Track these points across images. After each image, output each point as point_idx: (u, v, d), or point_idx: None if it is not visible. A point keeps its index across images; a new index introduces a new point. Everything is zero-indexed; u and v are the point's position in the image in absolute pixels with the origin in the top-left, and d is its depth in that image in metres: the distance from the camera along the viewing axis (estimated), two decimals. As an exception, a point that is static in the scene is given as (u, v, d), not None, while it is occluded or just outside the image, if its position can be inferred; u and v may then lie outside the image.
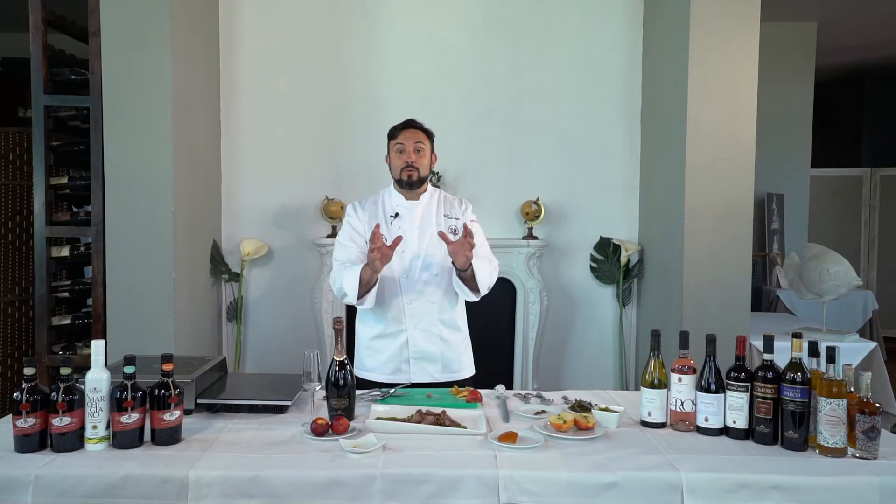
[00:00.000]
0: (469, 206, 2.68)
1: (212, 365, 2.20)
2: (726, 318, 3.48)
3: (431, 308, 2.55)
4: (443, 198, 2.67)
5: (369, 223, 2.55)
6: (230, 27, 4.12)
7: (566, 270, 4.26)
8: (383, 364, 2.57)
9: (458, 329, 2.62)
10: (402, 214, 2.58)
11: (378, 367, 2.58)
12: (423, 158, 2.56)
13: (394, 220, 2.58)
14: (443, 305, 2.57)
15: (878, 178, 7.77)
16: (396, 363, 2.56)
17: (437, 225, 2.57)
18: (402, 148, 2.54)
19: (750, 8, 3.50)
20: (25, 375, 1.76)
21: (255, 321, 4.21)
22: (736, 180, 3.54)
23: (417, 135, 2.56)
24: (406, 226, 2.57)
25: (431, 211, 2.61)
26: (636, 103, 4.20)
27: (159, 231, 3.37)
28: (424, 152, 2.56)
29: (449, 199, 2.68)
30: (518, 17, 4.18)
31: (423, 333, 2.55)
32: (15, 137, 4.22)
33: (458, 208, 2.65)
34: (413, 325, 2.55)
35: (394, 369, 2.56)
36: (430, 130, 2.62)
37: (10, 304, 4.22)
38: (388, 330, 2.56)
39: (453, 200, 2.68)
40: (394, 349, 2.56)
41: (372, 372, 2.59)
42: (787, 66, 6.11)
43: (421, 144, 2.54)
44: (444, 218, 2.60)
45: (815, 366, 1.84)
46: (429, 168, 2.60)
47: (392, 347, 2.56)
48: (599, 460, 1.72)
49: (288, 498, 1.62)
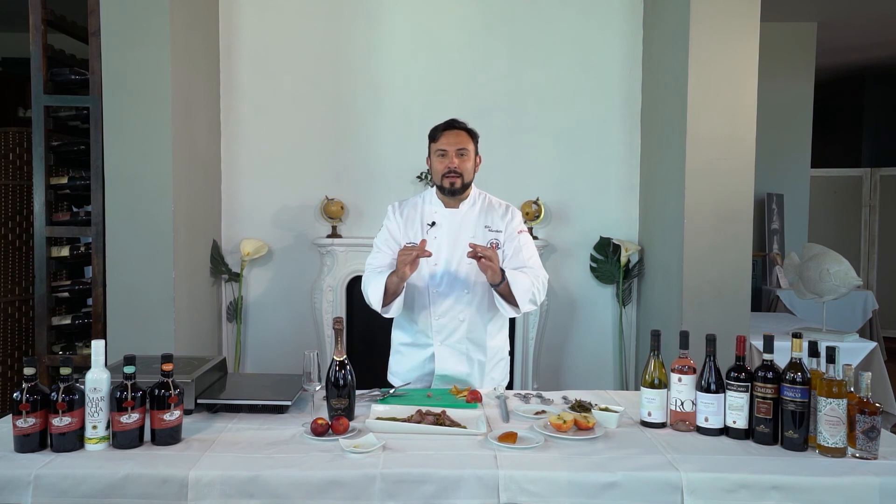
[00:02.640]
0: (516, 215, 2.50)
1: (212, 365, 2.20)
2: (726, 318, 3.48)
3: (460, 325, 2.45)
4: (486, 205, 2.50)
5: (405, 229, 2.46)
6: (230, 27, 4.12)
7: (566, 270, 4.26)
8: (408, 372, 2.52)
9: (488, 348, 2.47)
10: (440, 223, 2.45)
11: (403, 373, 2.53)
12: (467, 163, 2.40)
13: (430, 229, 2.45)
14: (473, 323, 2.45)
15: (878, 178, 7.77)
16: (420, 373, 2.50)
17: (476, 238, 2.41)
18: (444, 152, 2.38)
19: (750, 8, 3.50)
20: (25, 375, 1.76)
21: (255, 321, 4.21)
22: (736, 180, 3.53)
23: (460, 137, 2.39)
24: (442, 235, 2.43)
25: (470, 221, 2.46)
26: (636, 103, 4.21)
27: (159, 231, 3.37)
28: (468, 156, 2.40)
29: (493, 207, 2.50)
30: (518, 17, 4.18)
31: (450, 351, 2.46)
32: (15, 137, 4.22)
33: (501, 219, 2.47)
34: (440, 342, 2.46)
35: (417, 380, 2.50)
36: (473, 130, 2.46)
37: (10, 304, 4.22)
38: (416, 342, 2.50)
39: (498, 208, 2.50)
40: (420, 360, 2.50)
41: (396, 378, 2.55)
42: (787, 66, 6.11)
43: (464, 148, 2.38)
44: (485, 230, 2.45)
45: (815, 366, 1.84)
46: (473, 172, 2.45)
47: (417, 358, 2.50)
48: (599, 460, 1.72)
49: (288, 498, 1.61)
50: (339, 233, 4.10)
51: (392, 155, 4.16)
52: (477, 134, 2.48)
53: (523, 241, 2.48)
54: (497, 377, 2.55)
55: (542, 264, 2.50)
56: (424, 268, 2.42)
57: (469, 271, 2.42)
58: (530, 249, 2.47)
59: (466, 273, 2.43)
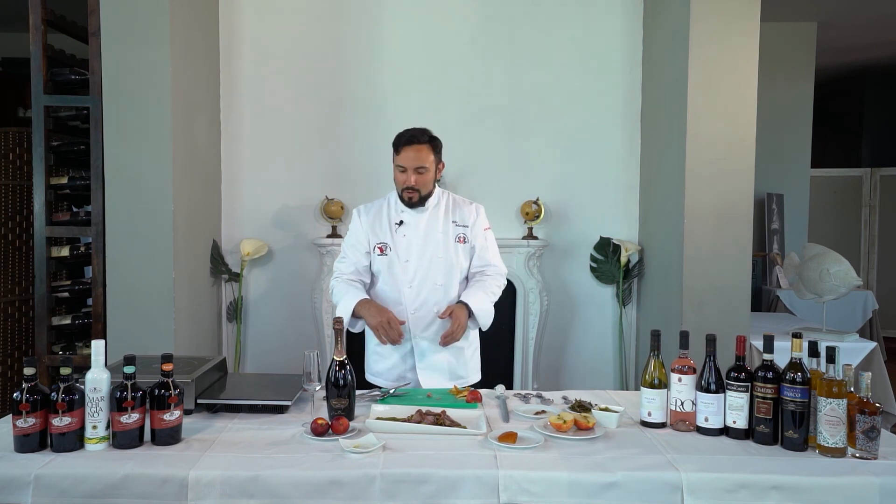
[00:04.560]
0: (480, 212, 2.62)
1: (212, 365, 2.20)
2: (726, 318, 3.48)
3: (434, 318, 2.51)
4: (451, 202, 2.61)
5: (373, 229, 2.54)
6: (230, 27, 4.12)
7: (566, 270, 4.26)
8: (389, 370, 2.57)
9: (464, 337, 2.55)
10: (407, 221, 2.54)
11: (384, 372, 2.58)
12: (426, 177, 2.47)
13: (398, 228, 2.54)
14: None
15: (878, 178, 7.77)
16: (401, 370, 2.55)
17: (444, 232, 2.54)
18: (403, 169, 2.46)
19: (750, 8, 3.50)
20: (25, 375, 1.76)
21: (255, 321, 4.21)
22: (736, 180, 3.53)
23: (420, 154, 2.44)
24: (410, 234, 2.53)
25: (438, 217, 2.56)
26: (636, 103, 4.20)
27: (159, 231, 3.37)
28: (427, 172, 2.47)
29: (458, 203, 2.61)
30: (518, 17, 4.18)
31: (429, 343, 2.53)
32: (15, 137, 4.22)
33: (468, 215, 2.59)
34: (419, 334, 2.53)
35: (398, 376, 2.55)
36: (435, 141, 2.51)
37: (10, 304, 4.22)
38: None
39: (463, 204, 2.61)
40: (398, 357, 2.55)
41: (378, 377, 2.59)
42: (787, 66, 6.11)
43: (423, 166, 2.45)
44: (453, 225, 2.56)
45: (815, 366, 1.84)
46: (432, 183, 2.53)
47: (397, 355, 2.55)
48: (599, 460, 1.72)
49: (288, 498, 1.62)
50: (339, 233, 4.10)
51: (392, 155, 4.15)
52: (439, 143, 2.54)
53: (489, 239, 2.63)
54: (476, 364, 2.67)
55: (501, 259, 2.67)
56: (396, 266, 2.52)
57: (440, 264, 2.53)
58: (494, 248, 2.64)
59: (437, 266, 2.53)
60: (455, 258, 2.55)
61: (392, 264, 2.53)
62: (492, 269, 2.61)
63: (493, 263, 2.61)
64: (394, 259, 2.52)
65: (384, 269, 2.54)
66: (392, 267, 2.53)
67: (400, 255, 2.52)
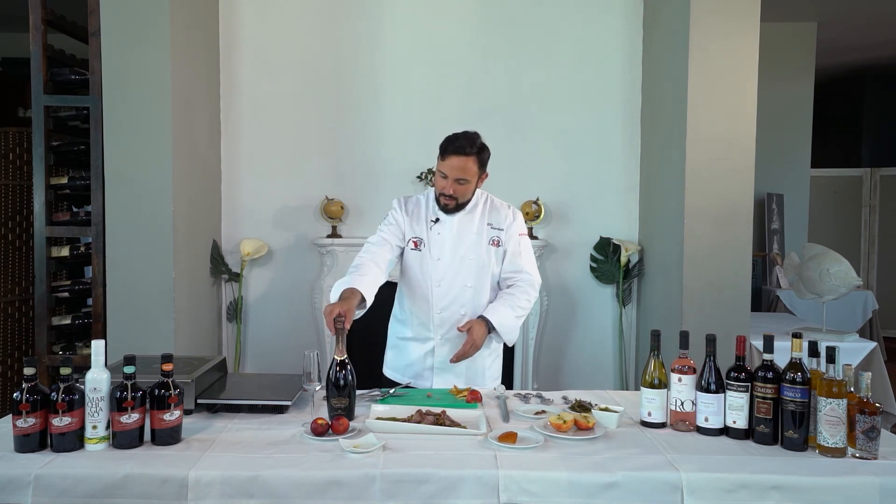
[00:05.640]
0: (518, 217, 2.55)
1: (212, 365, 2.20)
2: (726, 318, 3.48)
3: (462, 319, 2.47)
4: (489, 205, 2.55)
5: (411, 223, 2.50)
6: (230, 27, 4.12)
7: (566, 270, 4.26)
8: (406, 367, 2.57)
9: (486, 343, 2.49)
10: (443, 220, 2.49)
11: (402, 368, 2.58)
12: (465, 188, 2.41)
13: (433, 225, 2.49)
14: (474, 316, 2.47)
15: (878, 178, 7.77)
16: (419, 369, 2.54)
17: (479, 234, 2.49)
18: (444, 175, 2.39)
19: (750, 8, 3.50)
20: (25, 375, 1.76)
21: (255, 321, 4.21)
22: (736, 180, 3.53)
23: (465, 166, 2.36)
24: (445, 232, 2.48)
25: (474, 218, 2.51)
26: (636, 103, 4.21)
27: (159, 231, 3.37)
28: (468, 184, 2.40)
29: (496, 206, 2.55)
30: (518, 17, 4.18)
31: (450, 345, 2.49)
32: (15, 137, 4.22)
33: (504, 218, 2.53)
34: (440, 335, 2.51)
35: (415, 374, 2.54)
36: (483, 153, 2.43)
37: (10, 304, 4.22)
38: (416, 335, 2.54)
39: (500, 207, 2.56)
40: (418, 355, 2.54)
41: (395, 372, 2.59)
42: (787, 66, 6.11)
43: (464, 178, 2.37)
44: (488, 227, 2.51)
45: (815, 366, 1.84)
46: (472, 193, 2.47)
47: (417, 353, 2.54)
48: (599, 460, 1.72)
49: (288, 498, 1.61)
50: (339, 233, 4.10)
51: (392, 155, 4.16)
52: (487, 154, 2.46)
53: (523, 244, 2.54)
54: (496, 371, 2.62)
55: (536, 267, 2.58)
56: (427, 263, 2.48)
57: (471, 265, 2.49)
58: (529, 254, 2.55)
59: (468, 268, 2.49)
60: (487, 261, 2.50)
61: (424, 260, 2.48)
62: (523, 279, 2.52)
63: (526, 271, 2.52)
64: (426, 255, 2.48)
65: (416, 265, 2.50)
66: (424, 263, 2.49)
67: (433, 253, 2.48)
